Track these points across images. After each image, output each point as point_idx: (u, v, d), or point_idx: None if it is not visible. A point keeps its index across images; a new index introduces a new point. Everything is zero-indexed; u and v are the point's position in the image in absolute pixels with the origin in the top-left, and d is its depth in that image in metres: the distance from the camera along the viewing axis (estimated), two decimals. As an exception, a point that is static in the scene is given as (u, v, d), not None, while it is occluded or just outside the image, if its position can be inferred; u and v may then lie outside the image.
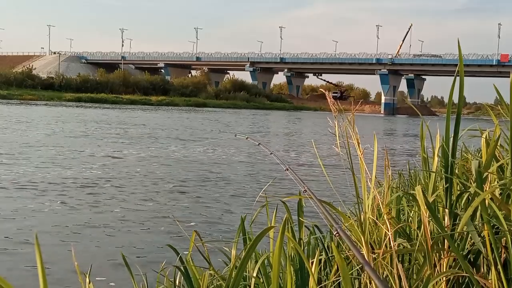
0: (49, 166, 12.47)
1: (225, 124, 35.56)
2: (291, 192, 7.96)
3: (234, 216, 8.03)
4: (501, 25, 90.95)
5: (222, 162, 14.85)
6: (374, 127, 38.88)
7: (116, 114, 43.00)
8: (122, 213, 8.11)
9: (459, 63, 1.80)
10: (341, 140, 2.00)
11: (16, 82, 77.82)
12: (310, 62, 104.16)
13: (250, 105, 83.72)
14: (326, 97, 2.10)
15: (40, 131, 22.60)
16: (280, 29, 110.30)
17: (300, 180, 2.29)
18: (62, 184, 10.20)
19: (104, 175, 11.56)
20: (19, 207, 8.13)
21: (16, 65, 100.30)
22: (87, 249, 6.21)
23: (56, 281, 4.97)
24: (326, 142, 19.90)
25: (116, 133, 23.63)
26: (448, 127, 1.86)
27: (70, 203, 8.57)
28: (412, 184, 5.23)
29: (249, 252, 1.39)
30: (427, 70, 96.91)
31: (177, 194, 9.85)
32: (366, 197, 1.97)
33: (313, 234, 2.61)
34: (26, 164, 12.60)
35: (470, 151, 3.90)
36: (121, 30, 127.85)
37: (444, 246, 1.75)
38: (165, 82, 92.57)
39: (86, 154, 15.40)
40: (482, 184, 1.74)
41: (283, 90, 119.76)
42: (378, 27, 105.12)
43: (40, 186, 9.86)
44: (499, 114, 2.49)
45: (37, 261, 0.85)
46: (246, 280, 2.28)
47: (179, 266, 2.32)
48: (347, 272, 1.38)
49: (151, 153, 16.27)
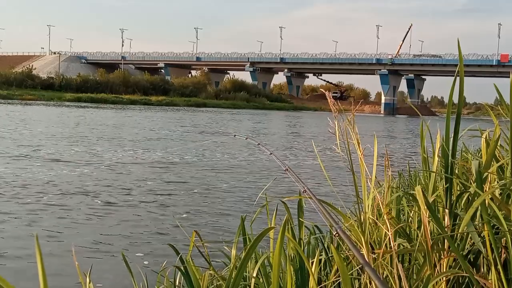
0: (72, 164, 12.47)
1: (225, 124, 35.55)
2: (291, 192, 7.96)
3: (234, 216, 8.03)
4: (501, 25, 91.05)
5: (222, 163, 14.84)
6: (374, 127, 38.87)
7: (112, 115, 42.99)
8: (122, 214, 8.11)
9: (459, 63, 1.80)
10: (341, 140, 2.00)
11: (16, 82, 77.81)
12: (310, 62, 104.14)
13: (250, 105, 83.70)
14: (326, 97, 2.09)
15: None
16: (280, 29, 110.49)
17: (299, 180, 2.28)
18: (63, 184, 10.20)
19: (104, 176, 11.56)
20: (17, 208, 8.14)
21: (16, 65, 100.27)
22: (87, 249, 6.21)
23: (56, 281, 4.97)
24: (326, 143, 19.90)
25: (116, 134, 23.63)
26: (448, 127, 1.86)
27: (70, 203, 8.57)
28: (412, 184, 5.23)
29: (249, 252, 1.39)
30: (427, 70, 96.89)
31: (176, 195, 9.85)
32: (366, 197, 1.97)
33: (313, 234, 2.61)
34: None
35: (470, 151, 3.91)
36: (121, 30, 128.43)
37: (444, 246, 1.75)
38: (165, 82, 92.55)
39: (91, 154, 15.40)
40: (482, 184, 1.74)
41: (283, 90, 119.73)
42: (378, 27, 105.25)
43: (42, 186, 9.86)
44: (499, 114, 2.49)
45: (37, 261, 0.85)
46: (246, 280, 2.28)
47: (179, 266, 2.32)
48: (347, 273, 1.38)
49: (151, 153, 16.26)
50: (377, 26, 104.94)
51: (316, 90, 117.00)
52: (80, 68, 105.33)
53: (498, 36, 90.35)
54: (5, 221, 7.31)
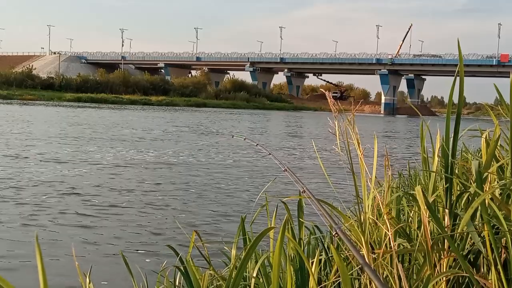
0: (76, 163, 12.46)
1: (225, 124, 35.54)
2: (291, 192, 7.96)
3: (234, 216, 8.03)
4: (501, 25, 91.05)
5: (221, 163, 14.84)
6: (374, 127, 38.87)
7: (112, 115, 42.98)
8: (122, 214, 8.11)
9: (459, 63, 1.80)
10: (341, 140, 2.00)
11: (16, 82, 77.84)
12: (310, 62, 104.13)
13: (250, 105, 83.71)
14: (326, 97, 2.09)
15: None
16: (280, 29, 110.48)
17: (298, 181, 2.28)
18: (62, 184, 10.20)
19: (103, 176, 11.56)
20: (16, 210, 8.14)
21: (16, 65, 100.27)
22: (88, 249, 6.21)
23: (57, 281, 4.97)
24: (326, 143, 19.89)
25: (116, 134, 23.62)
26: (448, 127, 1.86)
27: (69, 203, 8.57)
28: (412, 184, 5.23)
29: (249, 252, 1.39)
30: (427, 70, 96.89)
31: (176, 195, 9.85)
32: (366, 197, 1.97)
33: (313, 234, 2.61)
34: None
35: (470, 151, 3.91)
36: (121, 30, 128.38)
37: (444, 246, 1.75)
38: (165, 82, 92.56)
39: (90, 155, 15.40)
40: (482, 184, 1.74)
41: (283, 90, 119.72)
42: (378, 27, 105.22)
43: (41, 187, 9.86)
44: (499, 114, 2.49)
45: (37, 261, 0.84)
46: (246, 280, 2.28)
47: (179, 266, 2.32)
48: (347, 274, 1.37)
49: (150, 154, 16.26)
50: (377, 26, 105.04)
51: (316, 90, 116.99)
52: (80, 68, 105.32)
53: (498, 36, 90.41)
54: (5, 222, 7.31)
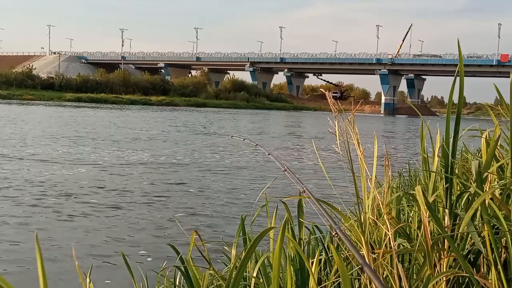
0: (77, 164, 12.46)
1: (225, 124, 35.54)
2: (291, 192, 7.96)
3: (234, 216, 8.03)
4: (501, 25, 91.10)
5: (221, 163, 14.84)
6: (374, 127, 38.87)
7: (112, 115, 42.98)
8: (121, 214, 8.11)
9: (459, 63, 1.80)
10: (341, 140, 2.00)
11: (16, 82, 77.86)
12: (310, 62, 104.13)
13: (250, 105, 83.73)
14: (326, 97, 2.09)
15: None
16: (280, 29, 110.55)
17: (298, 181, 2.28)
18: (61, 184, 10.20)
19: (102, 176, 11.56)
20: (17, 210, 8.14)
21: (16, 65, 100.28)
22: (88, 249, 6.21)
23: (57, 281, 4.97)
24: (326, 142, 19.89)
25: (116, 134, 23.62)
26: (448, 127, 1.86)
27: (68, 204, 8.57)
28: (412, 184, 5.23)
29: (249, 252, 1.39)
30: (427, 70, 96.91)
31: (176, 195, 9.85)
32: (366, 197, 1.97)
33: (313, 234, 2.61)
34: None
35: (470, 151, 3.90)
36: (121, 30, 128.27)
37: (444, 246, 1.75)
38: (165, 82, 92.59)
39: (89, 155, 15.40)
40: (482, 184, 1.74)
41: (283, 90, 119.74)
42: (378, 27, 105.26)
43: (39, 187, 9.86)
44: (499, 114, 2.49)
45: (37, 261, 0.85)
46: (246, 280, 2.28)
47: (179, 266, 2.32)
48: (347, 274, 1.37)
49: (149, 154, 16.26)
50: (377, 26, 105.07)
51: (316, 90, 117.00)
52: (80, 68, 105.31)
53: (498, 36, 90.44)
54: (4, 222, 7.31)
